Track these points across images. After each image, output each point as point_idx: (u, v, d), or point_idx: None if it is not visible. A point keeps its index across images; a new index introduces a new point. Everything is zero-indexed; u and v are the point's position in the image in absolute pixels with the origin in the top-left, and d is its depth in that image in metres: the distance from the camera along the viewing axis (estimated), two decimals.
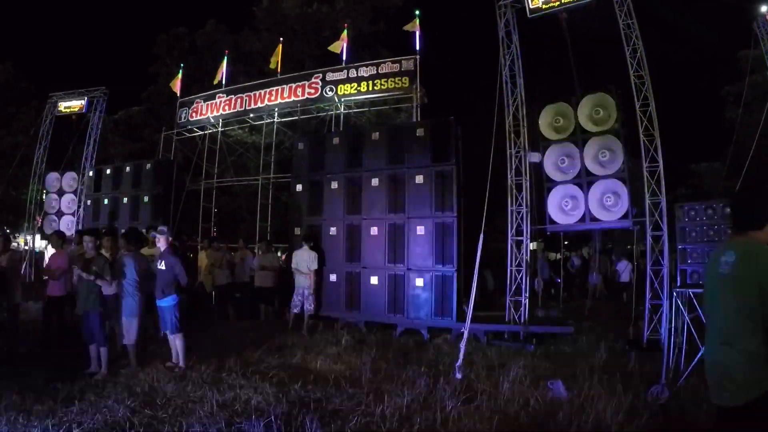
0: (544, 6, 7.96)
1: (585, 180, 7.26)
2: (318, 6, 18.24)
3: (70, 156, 13.77)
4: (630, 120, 7.23)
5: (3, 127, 20.18)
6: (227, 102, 13.50)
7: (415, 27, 11.25)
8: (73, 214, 12.73)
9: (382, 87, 11.59)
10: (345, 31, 12.41)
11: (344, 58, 12.26)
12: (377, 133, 8.77)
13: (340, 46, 12.33)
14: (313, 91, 12.34)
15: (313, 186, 9.13)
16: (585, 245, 16.36)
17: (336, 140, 9.15)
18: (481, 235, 6.27)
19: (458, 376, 5.14)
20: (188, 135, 14.62)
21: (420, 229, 7.93)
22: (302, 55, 17.71)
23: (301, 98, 12.48)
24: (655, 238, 6.85)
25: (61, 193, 12.95)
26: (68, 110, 13.65)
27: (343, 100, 12.10)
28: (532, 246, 8.66)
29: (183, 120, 14.25)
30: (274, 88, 12.90)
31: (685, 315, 5.17)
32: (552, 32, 8.31)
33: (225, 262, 9.61)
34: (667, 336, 5.57)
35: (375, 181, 8.45)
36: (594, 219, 7.18)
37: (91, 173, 12.44)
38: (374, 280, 8.19)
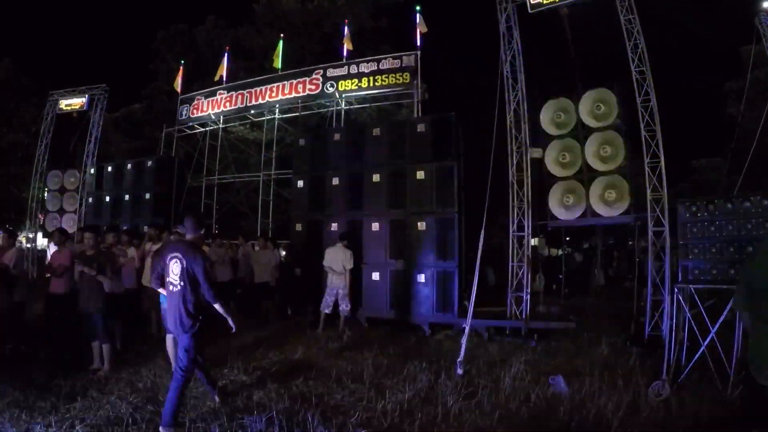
0: (545, 1, 7.92)
1: (586, 176, 7.25)
2: (319, 2, 18.19)
3: (72, 154, 13.80)
4: (631, 115, 7.19)
5: (4, 125, 20.20)
6: (228, 99, 13.49)
7: (423, 27, 11.21)
8: (74, 212, 12.76)
9: (383, 83, 11.57)
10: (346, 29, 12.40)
11: (345, 54, 12.24)
12: (378, 129, 8.75)
13: (349, 41, 12.33)
14: (314, 87, 12.32)
15: (314, 182, 9.12)
16: (586, 241, 16.33)
17: (337, 136, 9.14)
18: (482, 231, 6.26)
19: (459, 371, 5.16)
20: (189, 132, 14.63)
21: (421, 225, 7.93)
22: (303, 51, 17.66)
23: (302, 94, 12.47)
24: (656, 233, 6.84)
25: (62, 190, 12.97)
26: (69, 108, 13.65)
27: (344, 96, 12.07)
28: (533, 242, 8.64)
29: (184, 117, 14.25)
30: (275, 85, 12.89)
31: (687, 311, 5.16)
32: (553, 28, 8.28)
33: (227, 258, 9.61)
34: (668, 332, 5.57)
35: (376, 177, 8.44)
36: (595, 215, 7.17)
37: (92, 171, 12.48)
38: (376, 275, 8.20)
